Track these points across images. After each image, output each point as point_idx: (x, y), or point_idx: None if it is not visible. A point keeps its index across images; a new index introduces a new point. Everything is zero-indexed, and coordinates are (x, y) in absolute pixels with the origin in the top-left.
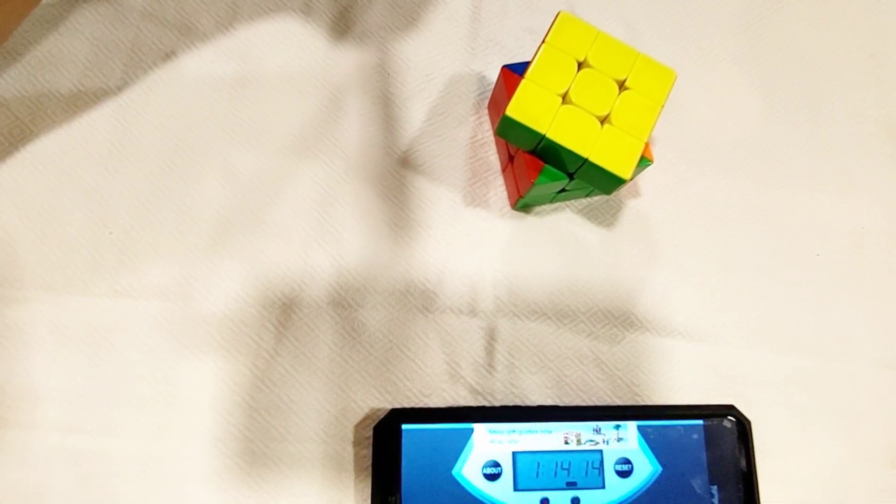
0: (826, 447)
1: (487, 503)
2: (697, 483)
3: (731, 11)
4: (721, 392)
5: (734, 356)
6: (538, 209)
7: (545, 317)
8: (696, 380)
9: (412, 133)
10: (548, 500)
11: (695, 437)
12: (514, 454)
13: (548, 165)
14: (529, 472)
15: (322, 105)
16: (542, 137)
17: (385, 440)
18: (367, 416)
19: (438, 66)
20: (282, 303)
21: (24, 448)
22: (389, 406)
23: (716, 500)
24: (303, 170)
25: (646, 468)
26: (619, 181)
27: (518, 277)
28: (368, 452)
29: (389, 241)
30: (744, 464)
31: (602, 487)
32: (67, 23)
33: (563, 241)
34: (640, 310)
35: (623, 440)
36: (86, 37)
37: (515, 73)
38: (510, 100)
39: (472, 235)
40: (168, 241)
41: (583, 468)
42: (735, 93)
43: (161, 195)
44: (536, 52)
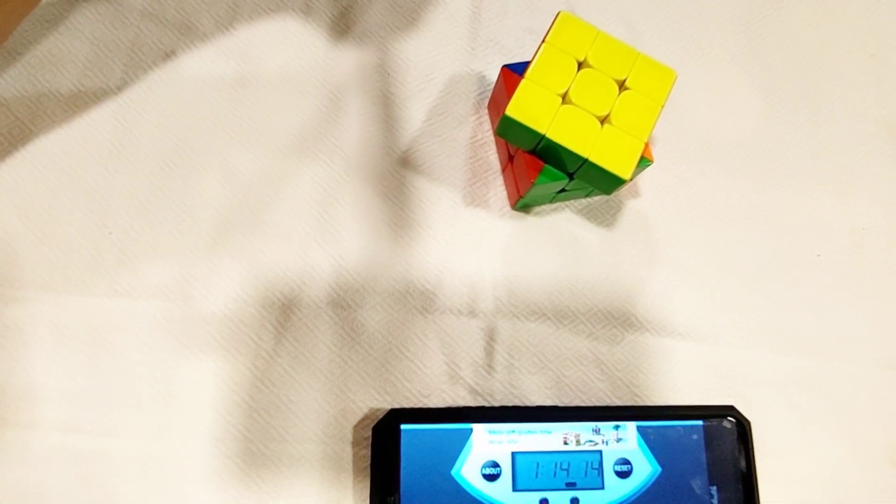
0: (826, 447)
1: (486, 503)
2: (697, 484)
3: (732, 11)
4: (721, 392)
5: (734, 356)
6: (538, 209)
7: (545, 317)
8: (696, 380)
9: (412, 133)
10: (547, 501)
11: (694, 438)
12: (514, 454)
13: (548, 165)
14: (528, 473)
15: (322, 105)
16: (542, 137)
17: (384, 440)
18: (367, 417)
19: (438, 66)
20: (281, 303)
21: (24, 448)
22: (388, 406)
23: (715, 501)
24: (303, 170)
25: (645, 469)
26: (619, 181)
27: (518, 278)
28: (367, 453)
29: (389, 242)
30: (743, 464)
31: (601, 488)
32: (67, 22)
33: (563, 242)
34: (640, 310)
35: (622, 441)
36: (86, 36)
37: (515, 73)
38: (510, 100)
39: (472, 235)
40: (168, 241)
41: (582, 469)
42: (735, 93)
43: (161, 195)
44: (536, 52)
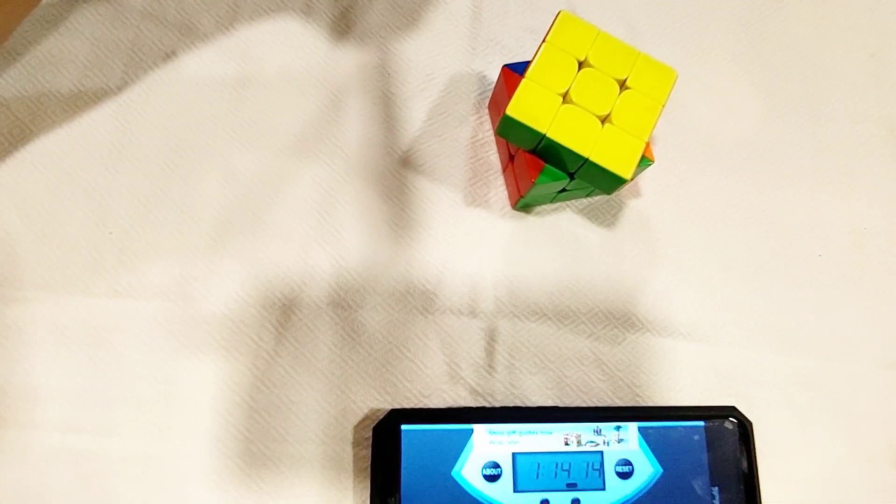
0: (827, 447)
1: None
2: (698, 485)
3: (732, 11)
4: (722, 392)
5: (735, 356)
6: (539, 209)
7: (545, 317)
8: (697, 380)
9: (413, 133)
10: (548, 502)
11: (696, 439)
12: (514, 455)
13: (548, 165)
14: (529, 473)
15: (322, 105)
16: (543, 137)
17: (384, 441)
18: (367, 417)
19: (439, 66)
20: (282, 303)
21: (24, 448)
22: (389, 407)
23: (717, 502)
24: (303, 170)
25: (646, 469)
26: (620, 181)
27: (518, 278)
28: (368, 453)
29: (389, 242)
30: (745, 465)
31: (602, 489)
32: (67, 23)
33: (564, 242)
34: (641, 310)
35: (624, 441)
36: (86, 37)
37: (516, 73)
38: (511, 99)
39: (473, 235)
40: (168, 241)
41: (583, 469)
42: (736, 92)
43: (161, 195)
44: (537, 52)
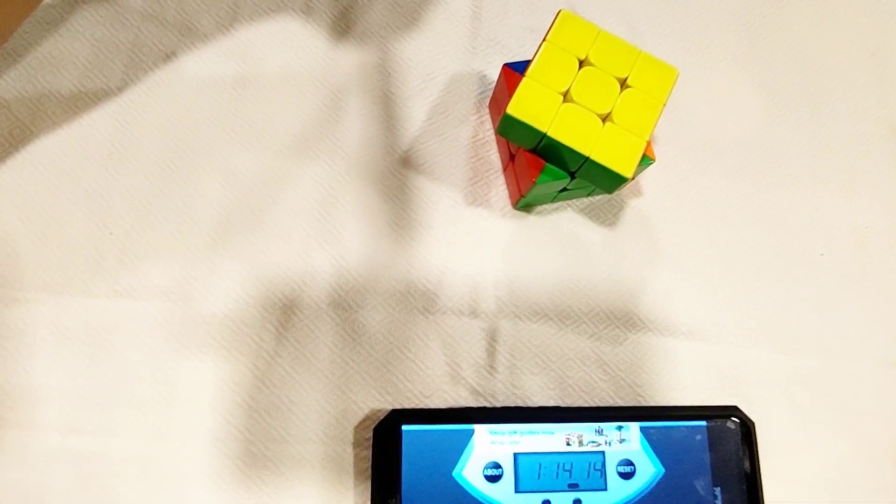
0: (829, 446)
1: None
2: (701, 485)
3: (733, 10)
4: (723, 392)
5: (737, 356)
6: (539, 209)
7: (547, 317)
8: (699, 380)
9: (413, 133)
10: (549, 502)
11: (698, 439)
12: (516, 455)
13: (549, 164)
14: (531, 474)
15: (323, 105)
16: (543, 136)
17: (385, 441)
18: (368, 417)
19: (439, 66)
20: (282, 303)
21: (25, 449)
22: (390, 407)
23: (719, 502)
24: (303, 170)
25: (648, 470)
26: (621, 180)
27: (519, 277)
28: (368, 454)
29: (390, 242)
30: (747, 465)
31: (604, 489)
32: (68, 24)
33: (565, 241)
34: (643, 310)
35: (625, 441)
36: (86, 38)
37: (516, 72)
38: (511, 98)
39: (474, 235)
40: (168, 242)
41: (585, 469)
42: (736, 91)
43: (161, 196)
44: (537, 51)
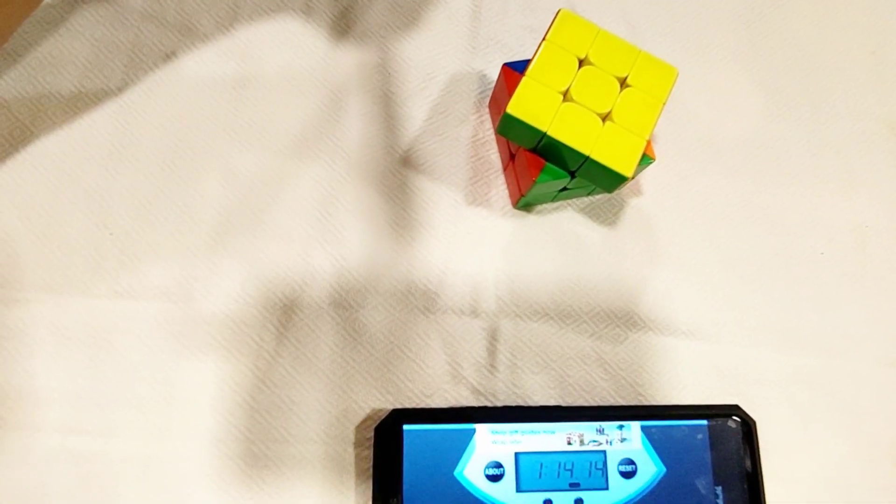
0: (829, 445)
1: None
2: (702, 484)
3: (732, 9)
4: (724, 391)
5: (737, 355)
6: (540, 208)
7: (547, 317)
8: (699, 379)
9: (413, 132)
10: (551, 502)
11: (699, 438)
12: (517, 455)
13: (549, 164)
14: (532, 473)
15: (323, 105)
16: (543, 135)
17: (386, 441)
18: (369, 417)
19: (439, 65)
20: (283, 303)
21: (25, 449)
22: (391, 407)
23: (720, 501)
24: (304, 170)
25: (650, 469)
26: (621, 179)
27: (520, 277)
28: (370, 453)
29: (390, 241)
30: (748, 464)
31: (605, 488)
32: (68, 24)
33: (565, 241)
34: (643, 309)
35: (627, 440)
36: (86, 38)
37: (516, 72)
38: (511, 98)
39: (474, 235)
40: (169, 242)
41: (586, 469)
42: (736, 91)
43: (162, 196)
44: (537, 50)
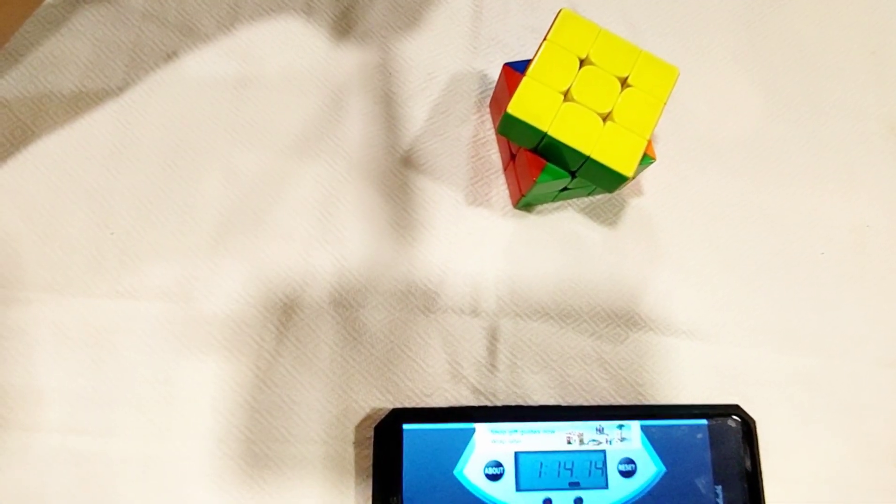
0: (829, 446)
1: (489, 503)
2: (702, 483)
3: (733, 9)
4: (724, 391)
5: (737, 355)
6: (540, 208)
7: (547, 316)
8: (699, 379)
9: (414, 132)
10: (550, 501)
11: (699, 437)
12: (517, 454)
13: (550, 163)
14: (532, 473)
15: (324, 105)
16: (544, 135)
17: (386, 440)
18: (369, 417)
19: (440, 65)
20: (283, 303)
21: (25, 449)
22: (391, 406)
23: (720, 501)
24: (304, 169)
25: (649, 468)
26: (622, 178)
27: (520, 277)
28: (370, 453)
29: (391, 241)
30: (748, 464)
31: (605, 488)
32: (69, 24)
33: (566, 240)
34: (643, 309)
35: (626, 440)
36: (87, 38)
37: (517, 71)
38: (512, 98)
39: (474, 235)
40: (169, 242)
41: (586, 468)
42: (736, 91)
43: (162, 195)
44: (538, 50)
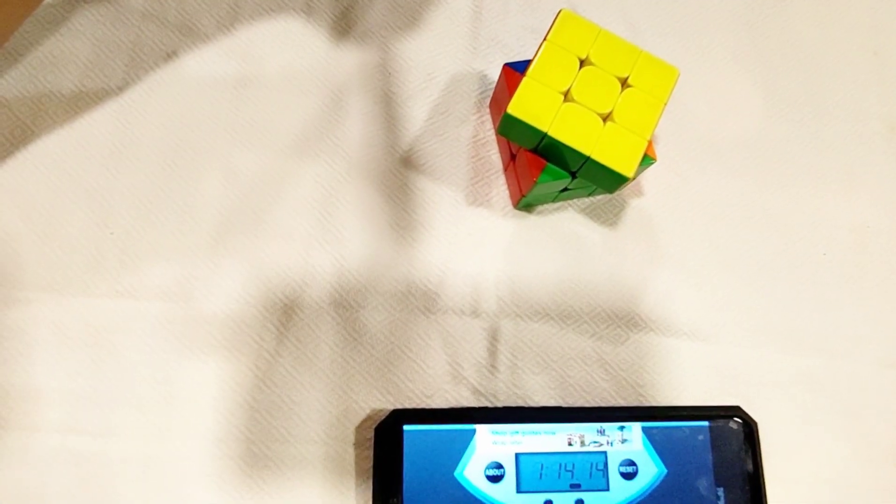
0: (830, 447)
1: None
2: (703, 485)
3: (733, 9)
4: (725, 392)
5: (738, 356)
6: (540, 208)
7: (548, 317)
8: (700, 380)
9: (414, 132)
10: (551, 502)
11: (700, 439)
12: (517, 455)
13: (550, 164)
14: (532, 474)
15: (323, 105)
16: (544, 135)
17: (386, 441)
18: (369, 417)
19: (440, 65)
20: (283, 303)
21: (25, 449)
22: (391, 407)
23: (722, 503)
24: (304, 169)
25: (651, 470)
26: (622, 179)
27: (520, 277)
28: (370, 454)
29: (391, 241)
30: (750, 465)
31: (606, 489)
32: (68, 23)
33: (566, 241)
34: (644, 309)
35: (628, 441)
36: (87, 37)
37: (517, 72)
38: (512, 98)
39: (474, 235)
40: (169, 242)
41: (587, 470)
42: (737, 91)
43: (162, 195)
44: (538, 50)
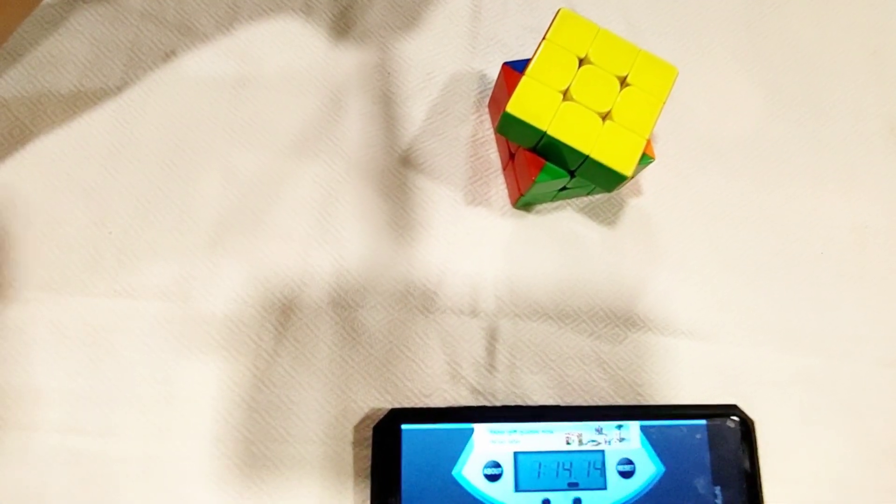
0: (829, 446)
1: None
2: (701, 484)
3: (733, 8)
4: (723, 391)
5: (736, 355)
6: (539, 208)
7: (546, 316)
8: (699, 379)
9: (413, 132)
10: (549, 501)
11: (698, 438)
12: (516, 454)
13: (549, 163)
14: (531, 473)
15: (322, 104)
16: (543, 134)
17: (385, 440)
18: (367, 417)
19: (439, 65)
20: (282, 303)
21: (24, 449)
22: (389, 406)
23: (719, 501)
24: (303, 169)
25: (648, 469)
26: (621, 178)
27: (519, 277)
28: (368, 453)
29: (390, 241)
30: (747, 464)
31: (604, 488)
32: (67, 23)
33: (565, 240)
34: (642, 309)
35: (625, 440)
36: (86, 37)
37: (516, 71)
38: (511, 97)
39: (473, 234)
40: (168, 241)
41: (585, 469)
42: (736, 90)
43: (161, 195)
44: (537, 49)
